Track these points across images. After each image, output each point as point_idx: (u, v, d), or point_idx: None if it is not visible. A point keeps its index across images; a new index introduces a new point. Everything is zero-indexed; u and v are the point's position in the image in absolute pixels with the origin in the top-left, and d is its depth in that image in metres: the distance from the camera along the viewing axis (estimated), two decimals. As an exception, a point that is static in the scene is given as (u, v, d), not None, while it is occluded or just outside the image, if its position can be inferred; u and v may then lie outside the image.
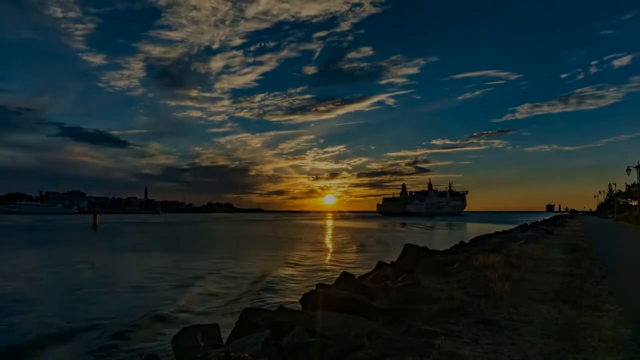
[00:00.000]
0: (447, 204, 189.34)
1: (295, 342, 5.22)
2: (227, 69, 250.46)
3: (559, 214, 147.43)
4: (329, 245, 39.42)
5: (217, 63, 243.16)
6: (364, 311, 6.77)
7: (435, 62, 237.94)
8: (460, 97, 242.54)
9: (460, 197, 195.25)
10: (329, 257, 28.52)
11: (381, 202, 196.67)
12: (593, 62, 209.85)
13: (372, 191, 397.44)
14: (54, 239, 44.93)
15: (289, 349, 5.19)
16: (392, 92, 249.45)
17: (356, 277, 12.78)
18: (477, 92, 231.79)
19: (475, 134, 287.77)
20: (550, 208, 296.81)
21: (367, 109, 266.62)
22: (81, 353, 9.32)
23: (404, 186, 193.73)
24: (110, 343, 9.74)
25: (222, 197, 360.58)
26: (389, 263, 15.42)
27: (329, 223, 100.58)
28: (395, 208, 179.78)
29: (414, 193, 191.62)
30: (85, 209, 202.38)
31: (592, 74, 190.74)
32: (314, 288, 9.76)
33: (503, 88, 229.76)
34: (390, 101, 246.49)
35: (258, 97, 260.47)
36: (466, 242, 22.18)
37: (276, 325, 6.13)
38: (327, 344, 5.10)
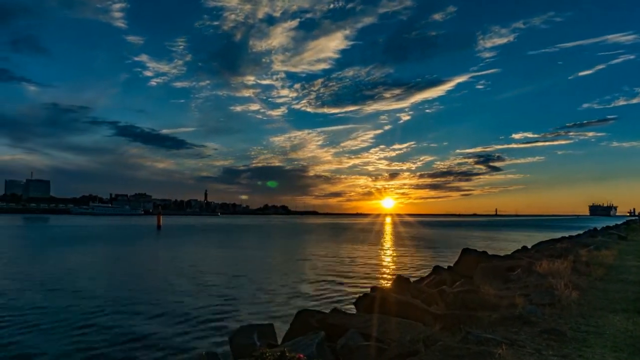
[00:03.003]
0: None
1: (350, 344, 5.22)
2: (286, 46, 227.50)
3: (630, 217, 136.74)
4: None
5: (275, 39, 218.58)
6: (420, 316, 6.65)
7: (538, 26, 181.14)
8: (570, 76, 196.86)
9: (614, 208, 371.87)
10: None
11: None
12: None
13: (432, 193, 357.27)
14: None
15: (344, 351, 5.20)
16: (477, 71, 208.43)
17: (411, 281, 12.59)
18: (599, 66, 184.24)
19: (567, 124, 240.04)
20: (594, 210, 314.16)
21: (444, 95, 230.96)
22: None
23: (591, 204, 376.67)
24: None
25: (278, 198, 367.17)
26: (446, 268, 15.06)
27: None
28: (602, 212, 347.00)
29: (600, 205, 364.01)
30: (150, 210, 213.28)
31: None
32: (368, 291, 9.72)
33: (630, 60, 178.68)
34: (474, 85, 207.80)
35: (318, 83, 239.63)
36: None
37: (330, 327, 6.17)
38: (382, 348, 5.06)
